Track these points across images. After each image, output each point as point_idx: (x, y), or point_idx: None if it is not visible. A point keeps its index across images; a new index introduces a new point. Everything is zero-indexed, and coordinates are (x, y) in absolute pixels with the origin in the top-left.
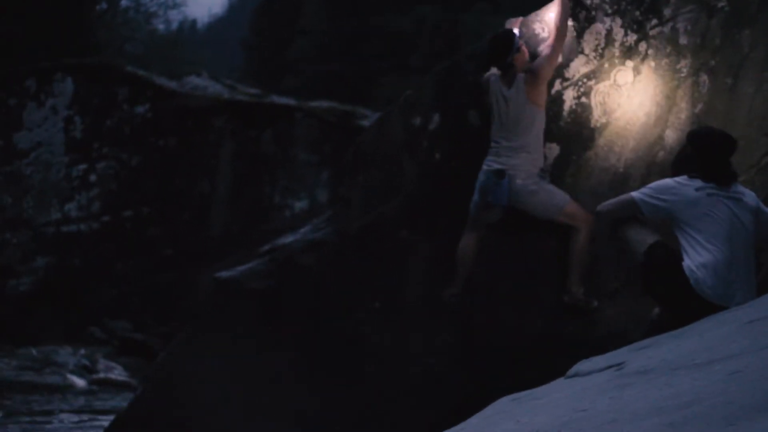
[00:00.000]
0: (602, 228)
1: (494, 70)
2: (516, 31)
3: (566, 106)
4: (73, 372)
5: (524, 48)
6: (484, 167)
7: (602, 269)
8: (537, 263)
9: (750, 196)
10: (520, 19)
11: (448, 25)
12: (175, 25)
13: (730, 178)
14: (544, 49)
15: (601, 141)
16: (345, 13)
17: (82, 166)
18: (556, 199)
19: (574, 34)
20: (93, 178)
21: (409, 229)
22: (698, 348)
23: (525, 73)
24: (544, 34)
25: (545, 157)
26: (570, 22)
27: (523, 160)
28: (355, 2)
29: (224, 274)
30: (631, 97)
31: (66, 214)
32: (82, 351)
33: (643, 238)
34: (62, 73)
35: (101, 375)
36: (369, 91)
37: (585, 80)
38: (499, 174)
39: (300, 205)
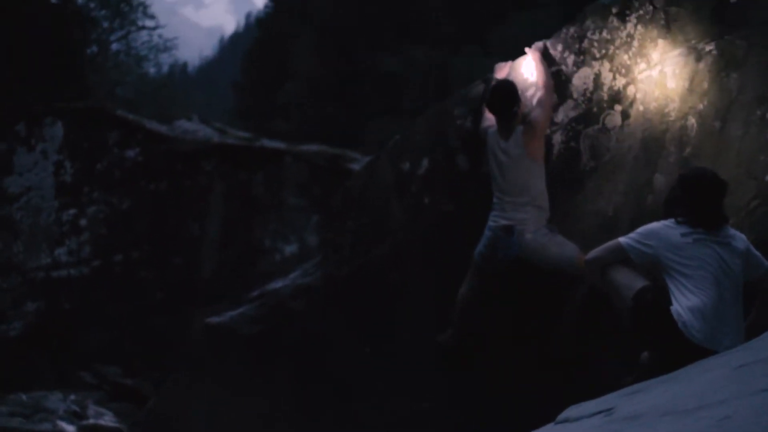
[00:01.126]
0: (592, 275)
1: (489, 122)
2: (502, 74)
3: (555, 150)
4: (62, 418)
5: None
6: (491, 223)
7: (592, 313)
8: (529, 307)
9: (740, 240)
10: (510, 63)
11: (438, 68)
12: (165, 68)
13: (718, 222)
14: (533, 100)
15: (590, 185)
16: (335, 55)
17: (73, 211)
18: (565, 251)
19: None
20: (83, 222)
21: (399, 272)
22: (687, 393)
23: (523, 125)
24: (533, 79)
25: None
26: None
27: (530, 214)
28: (346, 45)
29: (215, 319)
30: (619, 141)
31: (56, 259)
32: (72, 396)
33: (631, 283)
34: (52, 117)
35: (91, 421)
36: (359, 133)
37: (574, 124)
38: (508, 230)
39: (290, 248)
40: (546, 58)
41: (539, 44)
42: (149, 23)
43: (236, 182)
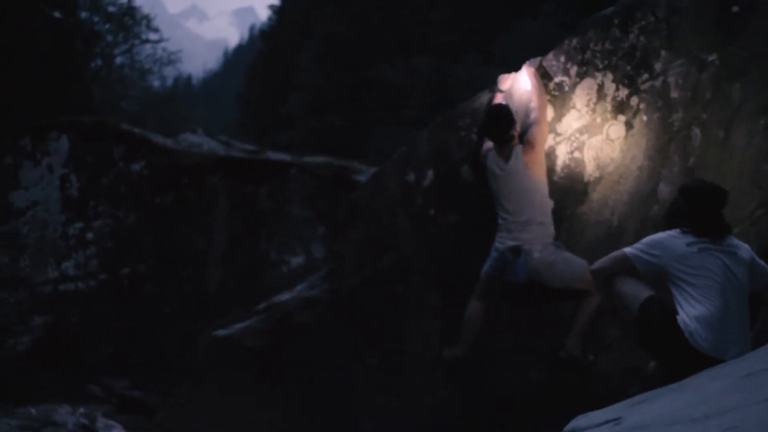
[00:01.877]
0: (598, 285)
1: (489, 144)
2: (505, 86)
3: (559, 161)
4: (71, 431)
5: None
6: (497, 244)
7: (598, 323)
8: (535, 317)
9: (744, 249)
10: (512, 75)
11: (441, 77)
12: (170, 82)
13: (722, 231)
14: (532, 114)
15: (594, 195)
16: (339, 66)
17: (79, 225)
18: (573, 267)
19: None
20: (90, 236)
21: (405, 284)
22: (694, 402)
23: (522, 144)
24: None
25: None
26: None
27: (536, 233)
28: (349, 56)
29: (221, 332)
30: (623, 151)
31: (63, 273)
32: (81, 410)
33: (637, 293)
34: (58, 132)
35: None
36: (364, 143)
37: (578, 135)
38: (516, 251)
39: (296, 260)
40: (542, 73)
41: (534, 60)
42: (153, 36)
43: (242, 195)
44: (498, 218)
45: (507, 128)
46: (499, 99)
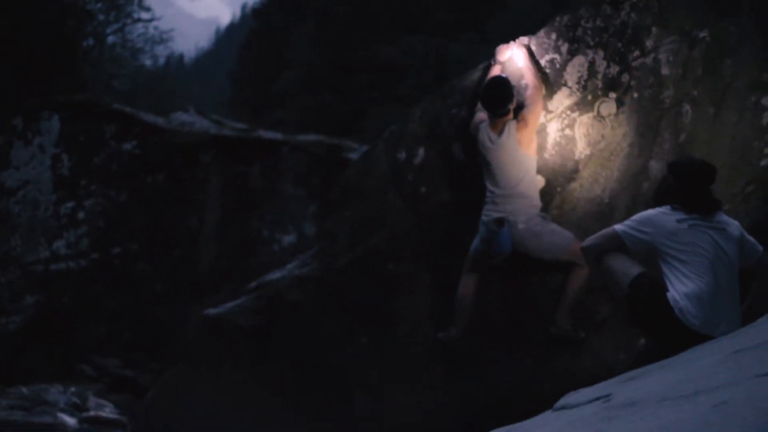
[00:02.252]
0: (588, 262)
1: (481, 116)
2: (503, 57)
3: (550, 139)
4: (63, 411)
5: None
6: (484, 217)
7: (589, 300)
8: (525, 295)
9: (734, 226)
10: (510, 45)
11: (436, 55)
12: (162, 61)
13: (712, 208)
14: (527, 91)
15: (585, 172)
16: (332, 44)
17: (70, 204)
18: (559, 238)
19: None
20: (81, 215)
21: (396, 263)
22: (684, 379)
23: (516, 120)
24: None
25: None
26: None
27: (520, 205)
28: (342, 34)
29: (213, 311)
30: (614, 128)
31: (55, 252)
32: (73, 389)
33: (627, 270)
34: (49, 111)
35: (92, 413)
36: (357, 122)
37: (568, 112)
38: (499, 222)
39: (288, 238)
40: (531, 54)
41: (524, 39)
42: (145, 15)
43: (233, 173)
44: (486, 191)
45: (506, 101)
46: (496, 71)
